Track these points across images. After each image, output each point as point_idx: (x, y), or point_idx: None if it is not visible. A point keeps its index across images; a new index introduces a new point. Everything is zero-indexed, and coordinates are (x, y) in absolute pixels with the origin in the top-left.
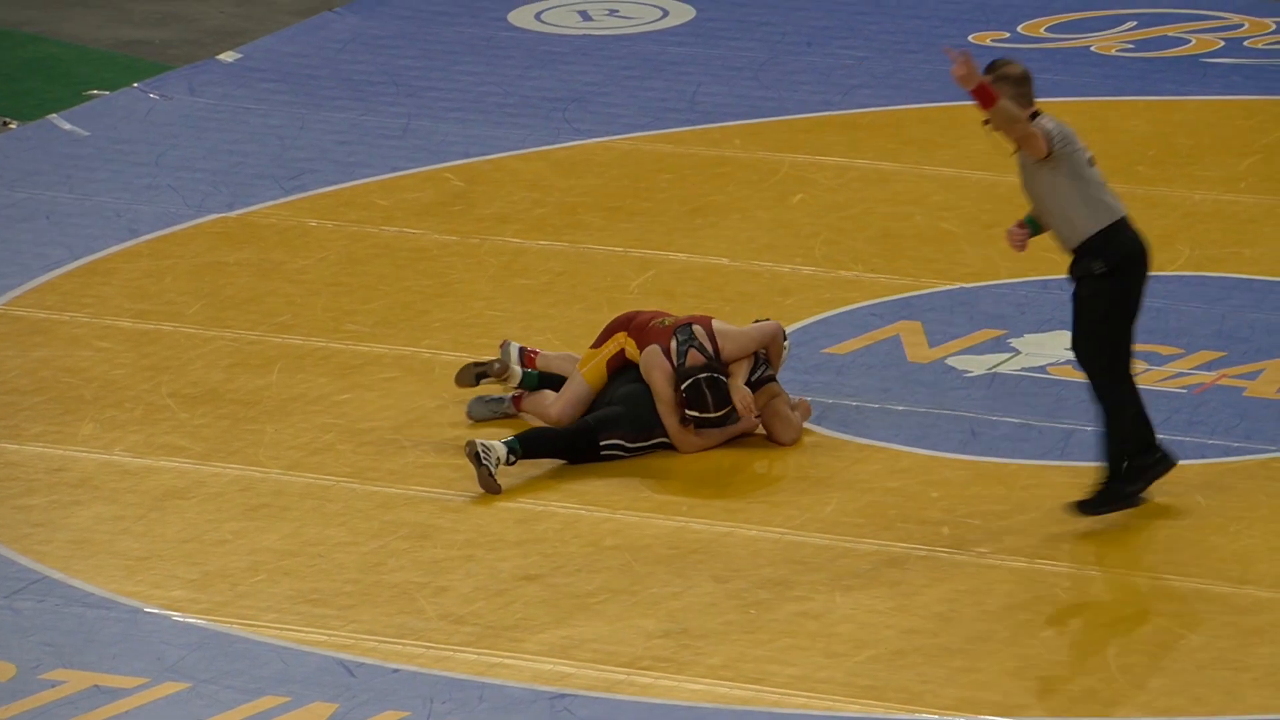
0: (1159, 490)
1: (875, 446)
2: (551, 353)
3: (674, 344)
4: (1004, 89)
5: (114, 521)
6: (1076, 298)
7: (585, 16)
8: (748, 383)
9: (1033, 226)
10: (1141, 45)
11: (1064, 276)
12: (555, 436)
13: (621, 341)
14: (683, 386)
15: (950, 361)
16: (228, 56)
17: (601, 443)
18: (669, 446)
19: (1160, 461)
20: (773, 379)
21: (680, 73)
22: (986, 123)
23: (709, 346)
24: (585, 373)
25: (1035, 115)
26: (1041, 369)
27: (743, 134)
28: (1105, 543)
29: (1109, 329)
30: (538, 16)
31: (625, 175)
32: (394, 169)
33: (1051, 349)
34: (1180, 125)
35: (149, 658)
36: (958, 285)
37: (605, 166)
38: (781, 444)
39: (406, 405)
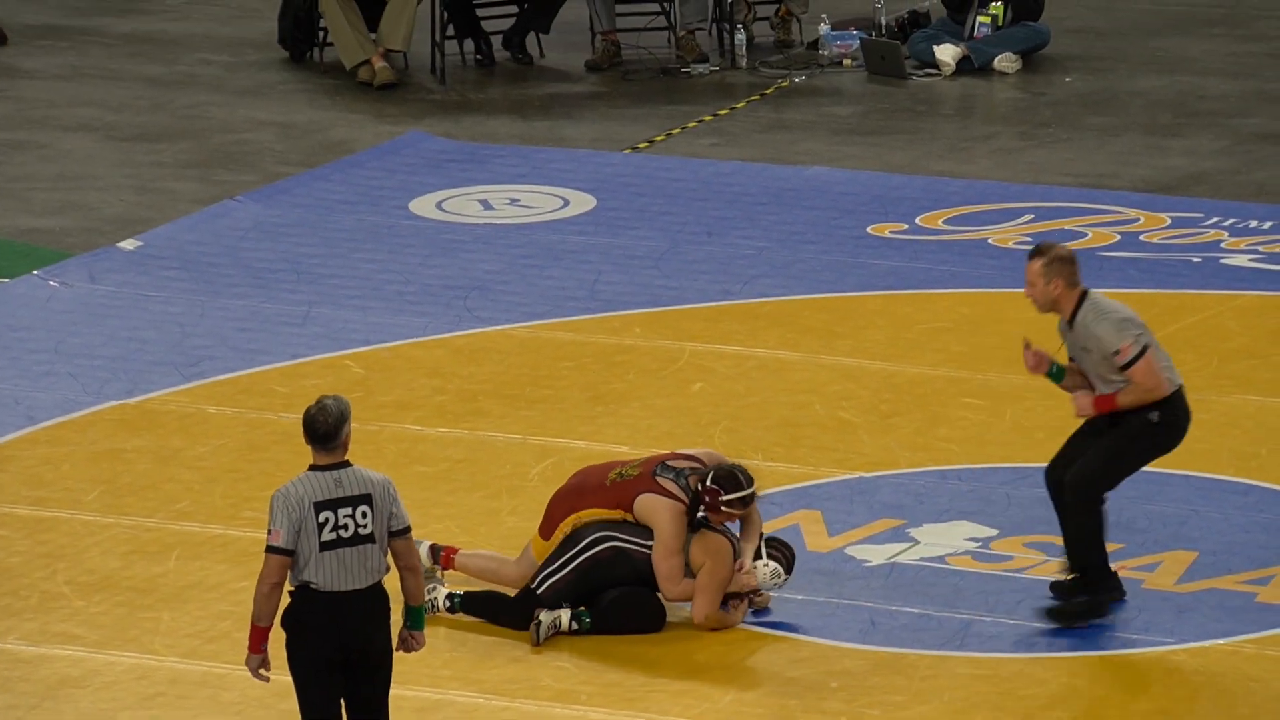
0: (1058, 681)
1: (774, 635)
2: (470, 551)
3: (665, 480)
4: (1062, 272)
5: (7, 711)
6: (1111, 428)
7: (486, 205)
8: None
9: (1057, 376)
10: (1039, 238)
11: (960, 467)
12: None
13: (573, 522)
14: (711, 476)
15: (849, 551)
16: (128, 244)
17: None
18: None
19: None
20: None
21: (580, 261)
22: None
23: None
24: (538, 556)
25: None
26: (940, 559)
27: (643, 322)
28: None
29: (1125, 469)
30: (439, 205)
31: (525, 363)
32: (294, 356)
33: (950, 539)
34: None
35: None
36: (856, 474)
37: (505, 354)
38: (691, 614)
39: None
